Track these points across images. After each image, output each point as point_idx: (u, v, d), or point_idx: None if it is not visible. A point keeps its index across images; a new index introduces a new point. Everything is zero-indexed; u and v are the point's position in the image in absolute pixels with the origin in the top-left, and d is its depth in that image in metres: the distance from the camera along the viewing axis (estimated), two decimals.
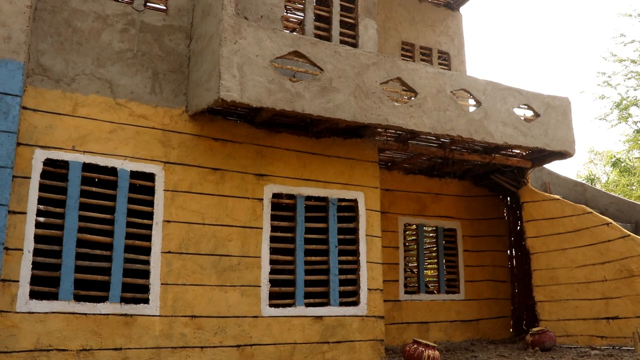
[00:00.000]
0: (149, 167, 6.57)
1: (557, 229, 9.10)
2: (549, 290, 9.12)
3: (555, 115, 8.97)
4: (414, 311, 9.43)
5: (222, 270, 6.70)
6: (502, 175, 9.84)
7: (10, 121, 5.71)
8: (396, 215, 9.58)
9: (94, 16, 6.71)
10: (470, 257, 10.15)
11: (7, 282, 5.65)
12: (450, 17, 11.44)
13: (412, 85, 7.69)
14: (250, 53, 6.53)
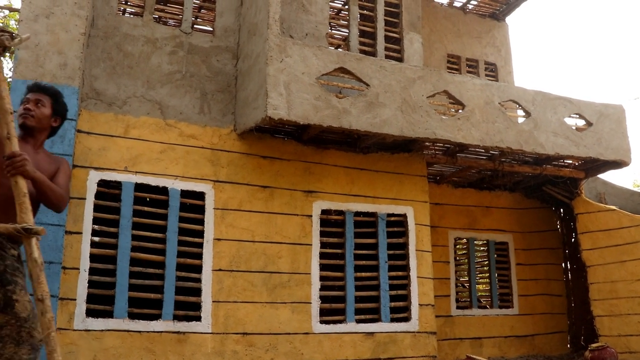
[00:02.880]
0: (199, 186, 6.66)
1: (614, 240, 8.82)
2: (608, 305, 8.82)
3: (609, 124, 8.73)
4: (467, 326, 9.26)
5: (273, 287, 6.72)
6: (554, 187, 9.62)
7: (67, 144, 5.88)
8: (446, 229, 9.46)
9: (143, 40, 6.89)
10: (523, 271, 9.93)
11: (65, 300, 5.80)
12: (496, 28, 11.30)
13: (459, 98, 7.61)
14: (297, 71, 6.58)
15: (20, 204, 3.02)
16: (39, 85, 3.69)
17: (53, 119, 3.66)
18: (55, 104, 3.67)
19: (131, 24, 6.93)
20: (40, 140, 3.62)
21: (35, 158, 3.37)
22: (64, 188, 3.46)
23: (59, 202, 3.39)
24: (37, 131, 3.58)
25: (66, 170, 3.59)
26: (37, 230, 2.97)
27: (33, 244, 2.95)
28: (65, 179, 3.53)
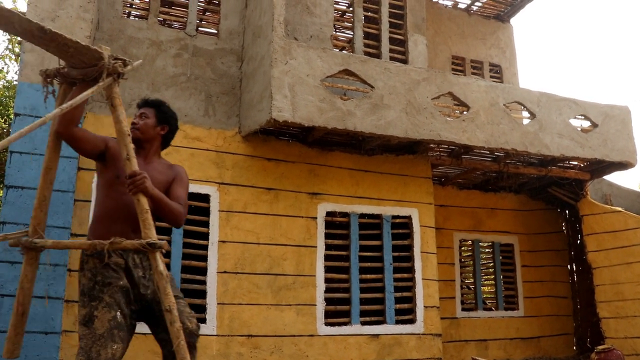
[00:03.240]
0: (203, 188, 6.67)
1: (620, 242, 8.79)
2: (614, 307, 8.79)
3: (614, 125, 8.71)
4: (472, 328, 9.23)
5: (278, 290, 6.72)
6: (559, 188, 9.59)
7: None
8: (451, 231, 9.45)
9: (148, 43, 6.90)
10: (529, 273, 9.90)
11: (70, 302, 5.81)
12: (500, 29, 11.28)
13: (464, 100, 7.60)
14: (301, 73, 6.58)
15: (143, 220, 3.14)
16: (144, 100, 3.77)
17: (159, 127, 3.70)
18: (159, 113, 3.72)
19: (136, 26, 6.95)
20: (151, 152, 3.67)
21: (145, 169, 3.41)
22: (181, 200, 3.49)
23: (175, 218, 3.43)
24: (145, 142, 3.65)
25: (182, 180, 3.62)
26: (161, 245, 3.09)
27: (158, 258, 3.08)
28: (181, 190, 3.56)
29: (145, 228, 3.11)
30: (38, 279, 5.50)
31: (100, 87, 3.27)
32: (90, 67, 3.32)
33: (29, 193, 5.65)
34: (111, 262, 3.27)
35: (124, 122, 3.29)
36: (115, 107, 3.33)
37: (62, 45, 3.17)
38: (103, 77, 3.30)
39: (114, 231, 3.26)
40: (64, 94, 3.46)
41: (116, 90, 3.35)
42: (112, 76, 3.34)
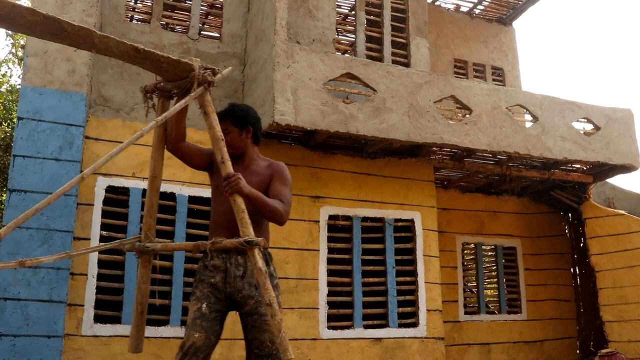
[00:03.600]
0: (206, 192, 6.67)
1: (623, 245, 8.77)
2: (618, 310, 8.77)
3: (617, 128, 8.70)
4: (475, 332, 9.21)
5: (280, 293, 6.70)
6: (562, 191, 9.57)
7: (75, 150, 5.91)
8: (454, 234, 9.43)
9: (151, 46, 6.90)
10: (532, 276, 9.88)
11: (73, 306, 5.81)
12: (503, 33, 11.29)
13: (466, 103, 7.60)
14: (304, 76, 6.59)
15: (240, 220, 3.26)
16: (219, 114, 3.75)
17: (244, 134, 3.72)
18: (235, 121, 3.73)
19: (139, 30, 6.97)
20: (247, 157, 3.72)
21: (245, 172, 3.56)
22: (281, 196, 3.53)
23: (274, 215, 3.47)
24: (239, 153, 3.70)
25: (281, 177, 3.64)
26: (257, 242, 3.19)
27: (256, 255, 3.19)
28: (280, 187, 3.59)
29: (242, 227, 3.23)
30: (41, 283, 5.54)
31: (192, 97, 3.48)
32: (183, 79, 3.54)
33: (31, 197, 5.66)
34: (209, 264, 3.52)
35: (217, 128, 3.45)
36: (207, 115, 3.50)
37: (156, 62, 3.39)
38: (194, 87, 3.50)
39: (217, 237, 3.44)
40: (162, 107, 3.71)
41: (208, 98, 3.53)
42: (202, 85, 3.53)
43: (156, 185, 3.84)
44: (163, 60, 3.39)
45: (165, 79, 3.61)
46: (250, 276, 3.49)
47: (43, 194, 5.71)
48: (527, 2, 10.90)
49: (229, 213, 3.37)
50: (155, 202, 3.83)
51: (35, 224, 5.64)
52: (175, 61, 3.44)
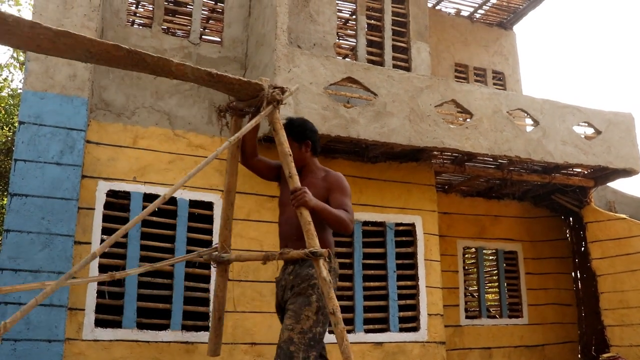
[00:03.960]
0: (207, 196, 6.68)
1: (624, 249, 8.76)
2: (619, 314, 8.75)
3: (618, 132, 8.70)
4: (476, 336, 9.20)
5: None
6: (563, 195, 9.57)
7: (76, 155, 5.92)
8: (455, 238, 9.43)
9: (152, 51, 6.92)
10: (533, 280, 9.87)
11: (73, 310, 5.81)
12: (503, 37, 11.30)
13: (467, 107, 7.61)
14: (304, 81, 6.60)
15: (306, 231, 3.46)
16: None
17: (303, 147, 3.91)
18: (294, 136, 3.90)
19: (140, 35, 6.98)
20: (305, 170, 3.89)
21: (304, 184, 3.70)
22: (343, 206, 3.69)
23: (340, 225, 3.63)
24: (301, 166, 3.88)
25: (338, 187, 3.80)
26: (322, 253, 3.37)
27: (321, 265, 3.36)
28: (340, 197, 3.75)
29: (308, 238, 3.42)
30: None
31: (262, 116, 3.71)
32: (253, 98, 3.78)
33: (33, 201, 5.66)
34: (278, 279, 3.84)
35: (285, 144, 3.65)
36: (276, 131, 3.72)
37: (228, 84, 3.67)
38: (263, 105, 3.72)
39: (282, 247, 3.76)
40: (235, 125, 4.01)
41: (277, 116, 3.74)
42: (272, 104, 3.74)
43: (231, 199, 4.10)
44: (235, 82, 3.67)
45: (237, 98, 3.88)
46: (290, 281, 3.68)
47: (44, 198, 5.72)
48: (527, 6, 10.92)
49: (288, 223, 3.68)
50: (230, 215, 4.09)
51: (36, 228, 5.65)
52: (246, 82, 3.71)
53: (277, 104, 3.76)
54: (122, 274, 3.48)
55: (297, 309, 3.56)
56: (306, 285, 3.60)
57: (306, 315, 3.59)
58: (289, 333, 3.51)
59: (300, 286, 3.60)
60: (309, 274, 3.60)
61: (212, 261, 4.05)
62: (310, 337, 3.59)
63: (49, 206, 5.73)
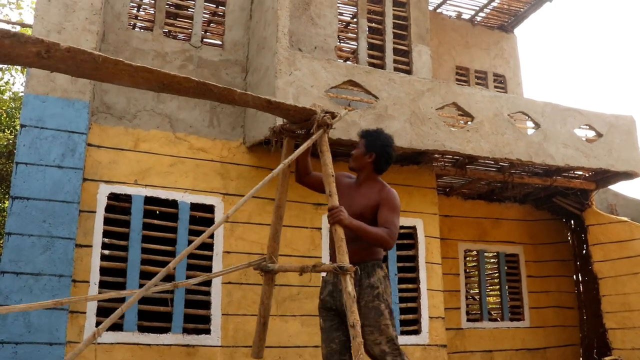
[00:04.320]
0: (208, 199, 6.68)
1: (626, 252, 8.75)
2: (621, 317, 8.74)
3: (619, 135, 8.69)
4: (477, 339, 9.19)
5: (282, 300, 6.71)
6: (564, 198, 9.56)
7: (77, 158, 5.93)
8: (456, 241, 9.42)
9: (153, 54, 6.94)
10: (534, 283, 9.85)
11: (75, 313, 5.81)
12: (504, 40, 11.30)
13: (468, 110, 7.61)
14: (305, 84, 6.60)
15: (338, 247, 3.73)
16: (359, 133, 4.32)
17: (367, 155, 4.14)
18: (367, 142, 4.17)
19: (141, 38, 6.99)
20: (362, 177, 4.19)
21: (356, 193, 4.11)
22: (387, 223, 3.89)
23: (377, 243, 3.88)
24: (358, 170, 4.22)
25: (388, 204, 3.99)
26: (348, 269, 3.61)
27: (347, 280, 3.59)
28: (386, 213, 3.94)
29: (339, 254, 3.70)
30: (43, 290, 5.54)
31: (313, 139, 4.09)
32: (306, 121, 4.16)
33: (34, 204, 5.66)
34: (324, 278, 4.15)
35: (330, 166, 4.03)
36: (323, 153, 4.09)
37: (285, 110, 4.09)
38: (314, 128, 4.10)
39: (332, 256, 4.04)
40: (287, 145, 4.44)
41: (325, 139, 4.12)
42: (322, 127, 4.10)
43: (280, 214, 4.51)
44: (291, 109, 4.10)
45: (291, 121, 4.28)
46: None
47: (45, 201, 5.72)
48: (528, 10, 10.93)
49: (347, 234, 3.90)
50: (279, 228, 4.49)
51: (38, 231, 5.65)
52: (302, 108, 4.12)
53: (327, 128, 4.09)
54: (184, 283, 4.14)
55: (375, 323, 3.80)
56: (371, 297, 3.86)
57: (385, 325, 3.83)
58: (380, 347, 3.77)
59: (365, 299, 3.85)
60: (371, 284, 3.90)
61: (261, 270, 4.44)
62: (395, 340, 3.85)
63: (50, 209, 5.73)
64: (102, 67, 3.38)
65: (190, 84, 3.64)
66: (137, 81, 3.58)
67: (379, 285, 3.94)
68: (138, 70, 3.48)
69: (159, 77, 3.56)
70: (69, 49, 3.24)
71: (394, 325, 3.93)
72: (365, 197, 4.04)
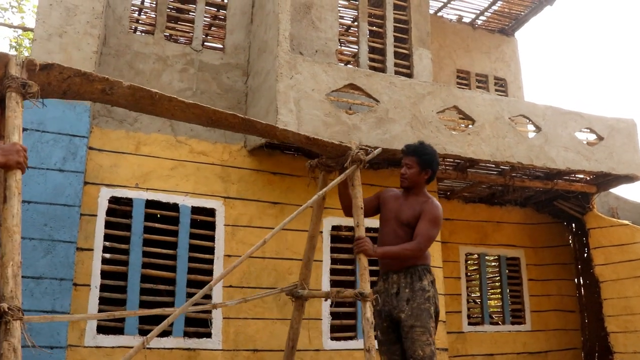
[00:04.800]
0: (209, 203, 6.68)
1: (627, 255, 8.74)
2: (623, 321, 8.72)
3: (620, 138, 8.69)
4: (479, 343, 9.17)
5: (283, 304, 6.70)
6: (565, 201, 9.55)
7: (78, 161, 5.93)
8: (457, 244, 9.41)
9: (154, 58, 6.95)
10: (536, 287, 9.84)
11: None
12: (505, 43, 11.31)
13: (469, 113, 7.61)
14: (306, 87, 6.61)
15: (361, 275, 4.04)
16: (406, 148, 4.45)
17: (423, 173, 4.33)
18: (421, 161, 4.32)
19: (142, 42, 7.00)
20: (413, 192, 4.36)
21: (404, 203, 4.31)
22: (419, 235, 4.11)
23: (405, 258, 4.12)
24: (412, 188, 4.36)
25: (426, 216, 4.19)
26: (367, 295, 3.89)
27: (367, 307, 3.87)
28: (422, 225, 4.15)
29: (362, 281, 4.00)
30: (44, 294, 5.53)
31: (346, 174, 4.35)
32: (341, 157, 4.46)
33: (35, 207, 5.67)
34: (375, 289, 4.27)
35: (359, 199, 4.30)
36: (354, 187, 4.37)
37: (322, 146, 4.41)
38: (347, 164, 4.37)
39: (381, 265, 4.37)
40: (323, 179, 4.73)
41: (357, 174, 4.39)
42: (356, 163, 4.37)
43: (313, 243, 4.81)
44: (328, 145, 4.42)
45: (327, 156, 4.57)
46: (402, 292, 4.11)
47: (46, 205, 5.72)
48: (529, 13, 10.94)
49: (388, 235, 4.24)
50: (311, 257, 4.80)
51: (39, 235, 5.65)
52: (338, 145, 4.44)
53: (360, 164, 4.35)
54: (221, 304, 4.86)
55: (426, 324, 4.00)
56: (423, 300, 4.05)
57: (433, 327, 4.05)
58: (431, 347, 3.96)
59: (417, 301, 4.04)
60: (422, 287, 4.09)
61: (292, 296, 4.77)
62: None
63: (51, 212, 5.73)
64: (157, 103, 3.62)
65: (236, 119, 3.92)
66: (189, 116, 3.85)
67: (430, 289, 4.13)
68: (189, 107, 3.73)
69: (208, 113, 3.82)
70: (129, 87, 3.49)
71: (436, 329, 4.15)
72: (411, 208, 4.24)
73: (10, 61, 3.06)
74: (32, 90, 3.06)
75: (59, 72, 3.26)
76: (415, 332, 3.97)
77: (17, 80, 3.01)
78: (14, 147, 2.96)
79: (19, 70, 3.07)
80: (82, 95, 3.46)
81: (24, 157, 3.01)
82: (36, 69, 3.12)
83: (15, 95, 3.03)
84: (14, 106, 3.02)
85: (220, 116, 3.84)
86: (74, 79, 3.31)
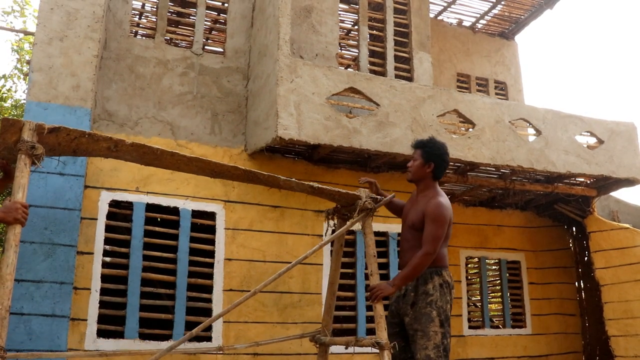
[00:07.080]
0: (210, 206, 6.68)
1: (628, 259, 8.73)
2: (624, 324, 8.71)
3: (621, 142, 8.69)
4: (479, 347, 9.15)
5: (284, 307, 6.70)
6: (566, 205, 9.55)
7: (79, 165, 5.93)
8: (457, 248, 9.40)
9: (155, 62, 6.96)
10: (536, 290, 9.83)
11: (76, 320, 5.80)
12: (505, 47, 11.32)
13: (469, 117, 7.61)
14: (307, 91, 6.61)
15: (377, 323, 4.24)
16: (412, 143, 4.57)
17: (426, 166, 4.38)
18: (424, 153, 4.39)
19: (143, 46, 7.01)
20: (421, 187, 4.46)
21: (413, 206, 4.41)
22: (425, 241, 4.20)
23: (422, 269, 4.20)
24: (417, 181, 4.47)
25: (428, 217, 4.24)
26: (384, 345, 4.07)
27: (385, 355, 4.02)
28: (428, 228, 4.22)
29: (378, 330, 4.19)
30: (44, 297, 5.53)
31: (354, 222, 4.58)
32: (352, 205, 4.66)
33: (35, 211, 5.66)
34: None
35: (372, 247, 4.50)
36: (366, 235, 4.58)
37: (329, 194, 4.62)
38: (356, 212, 4.55)
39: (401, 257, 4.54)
40: (339, 225, 5.05)
41: (368, 222, 4.59)
42: (365, 211, 4.55)
43: (334, 290, 5.05)
44: (335, 194, 4.63)
45: (339, 204, 4.83)
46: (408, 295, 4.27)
47: (47, 209, 5.72)
48: (529, 17, 10.96)
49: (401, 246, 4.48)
50: (333, 304, 5.05)
51: (39, 238, 5.65)
52: (345, 193, 4.63)
53: (369, 212, 4.52)
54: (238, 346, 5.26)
55: (425, 328, 4.05)
56: (424, 304, 4.13)
57: (434, 331, 4.04)
58: (425, 352, 3.99)
59: (419, 305, 4.15)
60: (426, 290, 4.18)
61: (315, 341, 4.98)
62: (442, 348, 4.03)
63: (51, 216, 5.73)
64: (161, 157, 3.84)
65: (238, 171, 4.16)
66: (192, 169, 4.08)
67: (433, 293, 4.19)
68: (192, 161, 3.96)
69: (211, 166, 4.06)
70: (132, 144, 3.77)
71: (449, 332, 4.14)
72: (415, 211, 4.32)
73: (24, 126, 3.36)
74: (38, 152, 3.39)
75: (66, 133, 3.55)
76: (416, 336, 4.06)
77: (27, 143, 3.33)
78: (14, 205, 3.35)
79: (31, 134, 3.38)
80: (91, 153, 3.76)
81: (22, 214, 3.42)
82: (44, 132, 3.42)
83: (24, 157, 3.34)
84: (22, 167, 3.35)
85: (223, 169, 4.06)
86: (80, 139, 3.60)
